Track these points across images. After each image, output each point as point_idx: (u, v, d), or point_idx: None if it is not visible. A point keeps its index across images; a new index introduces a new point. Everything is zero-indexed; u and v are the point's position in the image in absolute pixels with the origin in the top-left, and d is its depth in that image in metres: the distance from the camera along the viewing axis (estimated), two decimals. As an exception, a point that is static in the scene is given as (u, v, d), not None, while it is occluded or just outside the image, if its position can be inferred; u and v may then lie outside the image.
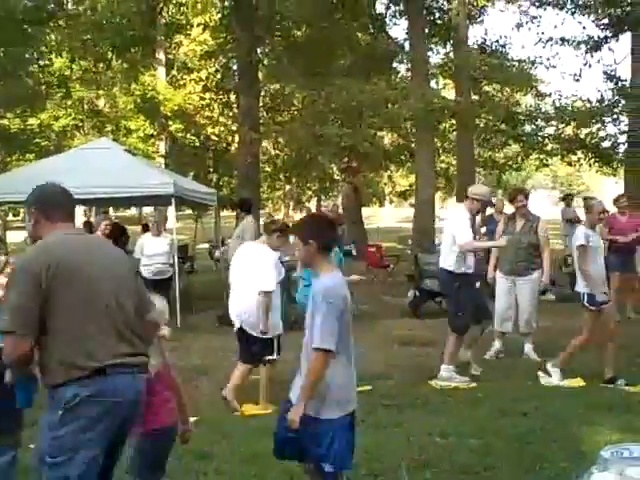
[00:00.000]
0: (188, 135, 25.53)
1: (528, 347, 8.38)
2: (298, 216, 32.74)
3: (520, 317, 8.36)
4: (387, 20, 20.09)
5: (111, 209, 27.11)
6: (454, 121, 17.97)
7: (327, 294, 3.43)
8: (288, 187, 30.51)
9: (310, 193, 33.65)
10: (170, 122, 24.88)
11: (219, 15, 20.42)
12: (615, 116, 16.06)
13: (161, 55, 25.42)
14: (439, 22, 19.16)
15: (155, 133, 25.56)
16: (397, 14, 19.61)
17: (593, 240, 6.99)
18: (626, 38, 15.55)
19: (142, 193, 11.70)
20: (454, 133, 18.93)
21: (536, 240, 8.26)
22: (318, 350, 3.39)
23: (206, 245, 23.12)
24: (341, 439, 3.51)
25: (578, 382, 6.99)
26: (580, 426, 5.21)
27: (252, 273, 6.47)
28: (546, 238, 8.36)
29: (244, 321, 6.51)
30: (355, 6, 17.79)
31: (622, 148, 16.20)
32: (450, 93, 19.61)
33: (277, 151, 24.05)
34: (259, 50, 17.37)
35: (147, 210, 28.32)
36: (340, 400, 3.54)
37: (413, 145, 18.35)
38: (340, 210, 24.51)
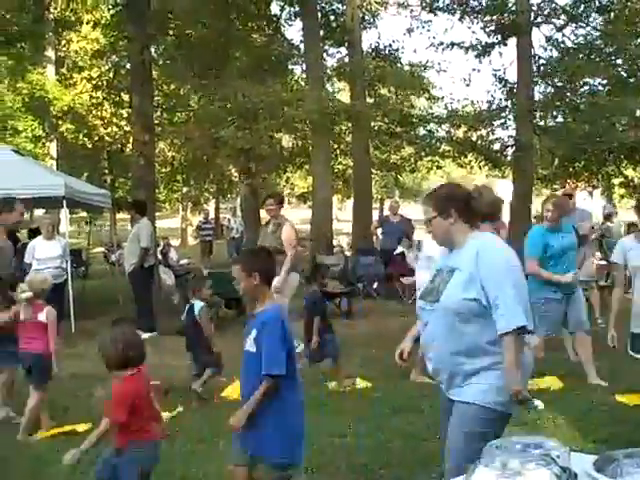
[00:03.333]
0: (80, 136, 24.76)
1: None
2: (196, 219, 32.40)
3: None
4: (282, 22, 20.13)
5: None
6: (350, 124, 18.20)
7: None
8: (186, 189, 30.09)
9: (208, 195, 33.33)
10: (60, 122, 24.06)
11: (111, 12, 19.92)
12: (503, 120, 16.69)
13: (50, 52, 24.55)
14: (334, 25, 19.36)
15: (44, 134, 24.65)
16: (292, 16, 19.69)
17: None
18: (513, 43, 16.14)
19: (31, 195, 11.29)
20: (350, 135, 19.16)
21: (279, 244, 8.21)
22: None
23: (101, 249, 22.58)
24: None
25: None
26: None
27: None
28: (289, 242, 8.27)
29: None
30: (250, 6, 17.73)
31: (510, 151, 16.83)
32: (346, 96, 19.85)
33: (174, 152, 23.69)
34: (152, 49, 17.04)
35: (38, 213, 27.35)
36: None
37: (310, 147, 18.46)
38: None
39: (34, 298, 6.06)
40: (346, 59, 19.41)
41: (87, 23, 22.60)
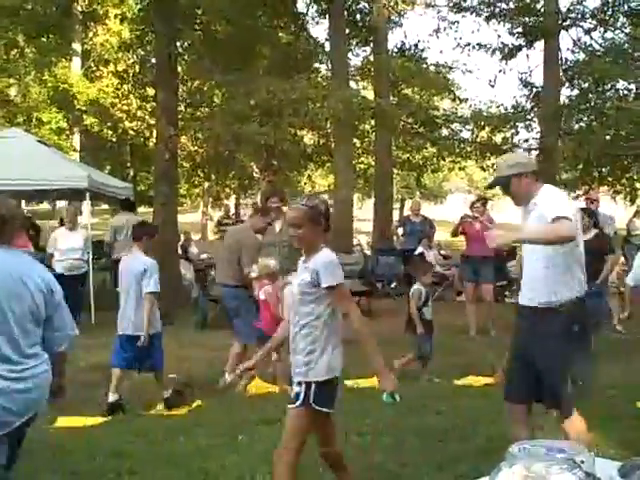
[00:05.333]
0: (104, 129, 24.92)
1: None
2: (217, 214, 32.50)
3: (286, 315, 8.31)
4: (308, 19, 20.12)
5: (22, 202, 26.24)
6: (374, 122, 18.16)
7: None
8: (207, 184, 30.16)
9: (229, 191, 33.42)
10: (84, 116, 24.22)
11: (138, 6, 20.01)
12: (528, 122, 16.58)
13: (77, 45, 24.71)
14: (360, 24, 19.32)
15: (68, 127, 24.82)
16: (318, 14, 19.67)
17: None
18: (540, 46, 16.04)
19: (55, 186, 11.39)
20: (374, 134, 19.13)
21: None
22: None
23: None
24: None
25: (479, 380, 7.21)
26: (491, 424, 5.34)
27: None
28: None
29: None
30: (277, 4, 17.74)
31: (534, 154, 16.71)
32: (370, 95, 19.80)
33: (196, 147, 23.76)
34: (179, 44, 17.08)
35: (61, 205, 27.58)
36: None
37: (333, 145, 18.45)
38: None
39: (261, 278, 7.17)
40: (371, 58, 19.37)
41: (114, 17, 22.71)
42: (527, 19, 16.05)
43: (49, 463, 4.90)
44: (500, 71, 17.32)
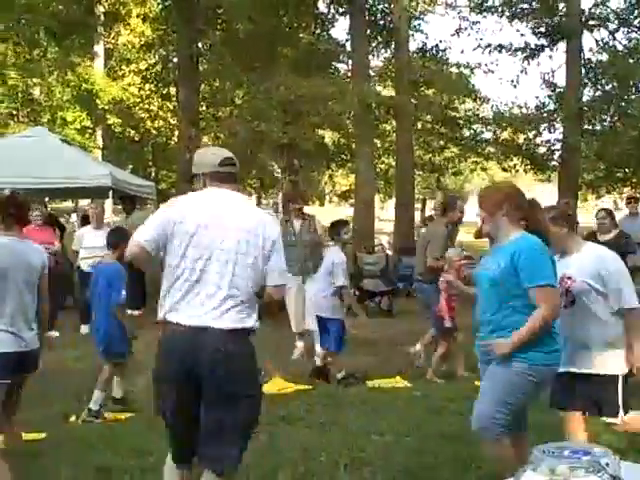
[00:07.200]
0: (127, 128, 25.09)
1: (300, 345, 8.38)
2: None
3: (308, 315, 8.15)
4: (329, 19, 20.09)
5: (46, 200, 26.45)
6: (394, 122, 18.10)
7: None
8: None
9: (250, 190, 33.50)
10: (107, 115, 24.38)
11: (160, 6, 20.13)
12: (550, 123, 16.46)
13: (100, 45, 24.89)
14: (381, 24, 19.26)
15: (92, 125, 25.01)
16: (339, 14, 19.64)
17: None
18: (563, 46, 15.93)
19: (78, 184, 11.46)
20: (395, 134, 19.07)
21: (317, 237, 8.52)
22: None
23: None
24: None
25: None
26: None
27: None
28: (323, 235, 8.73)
29: None
30: (298, 4, 17.75)
31: (556, 155, 16.61)
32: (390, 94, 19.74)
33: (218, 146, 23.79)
34: (200, 44, 17.16)
35: (83, 203, 27.76)
36: None
37: (354, 145, 18.42)
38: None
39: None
40: (392, 59, 19.31)
41: (137, 16, 22.84)
42: (549, 20, 15.95)
43: (72, 457, 4.94)
44: (522, 71, 17.21)
